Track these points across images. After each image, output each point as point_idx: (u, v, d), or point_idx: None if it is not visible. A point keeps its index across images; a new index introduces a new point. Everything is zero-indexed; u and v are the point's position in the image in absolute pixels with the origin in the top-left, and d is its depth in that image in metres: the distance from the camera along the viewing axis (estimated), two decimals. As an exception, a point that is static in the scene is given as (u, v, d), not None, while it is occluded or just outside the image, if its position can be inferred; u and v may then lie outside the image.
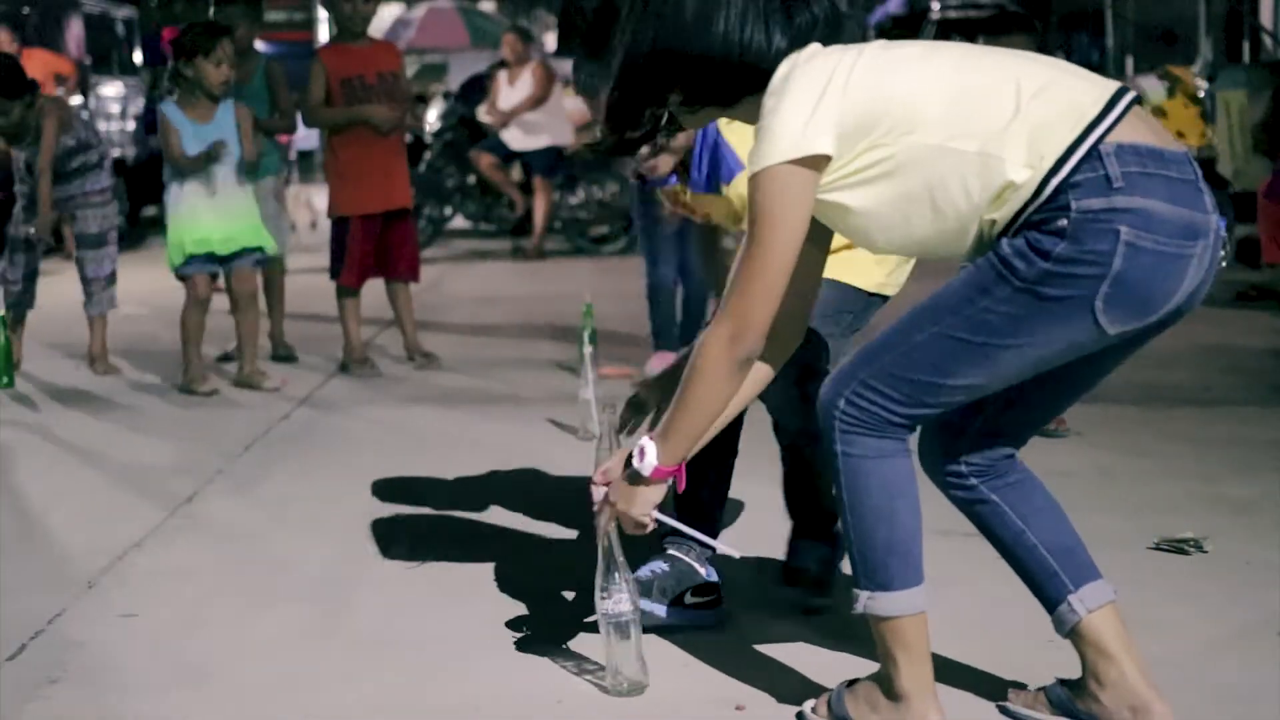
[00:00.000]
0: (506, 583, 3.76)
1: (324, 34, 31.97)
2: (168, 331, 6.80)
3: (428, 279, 8.02)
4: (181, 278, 6.35)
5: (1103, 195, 2.45)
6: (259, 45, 7.44)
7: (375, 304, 7.38)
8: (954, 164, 2.49)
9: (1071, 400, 2.89)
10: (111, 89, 14.08)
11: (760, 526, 4.28)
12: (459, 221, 13.31)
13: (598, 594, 2.96)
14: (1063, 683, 2.82)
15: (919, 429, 2.80)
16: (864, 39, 2.97)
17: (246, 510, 4.53)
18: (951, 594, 3.63)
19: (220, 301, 7.98)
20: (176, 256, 6.28)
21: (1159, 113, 10.20)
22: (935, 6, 16.84)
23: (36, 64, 11.67)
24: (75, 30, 13.60)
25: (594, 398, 5.22)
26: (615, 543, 2.94)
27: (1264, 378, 6.44)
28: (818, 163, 2.51)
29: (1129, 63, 14.12)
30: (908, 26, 18.80)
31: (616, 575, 2.95)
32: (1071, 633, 2.78)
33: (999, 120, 2.48)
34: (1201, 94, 10.57)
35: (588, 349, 5.36)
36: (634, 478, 2.75)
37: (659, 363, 6.09)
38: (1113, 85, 2.56)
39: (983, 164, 2.48)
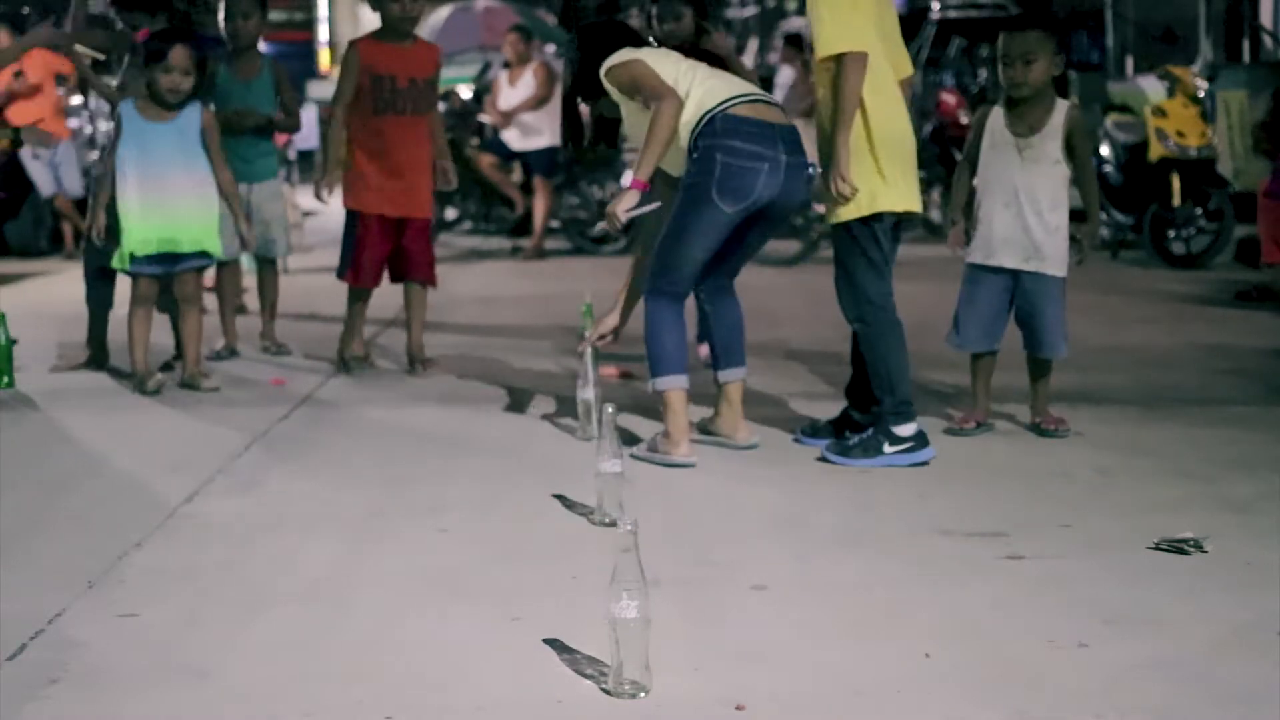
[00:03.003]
0: (507, 582, 3.76)
1: (324, 34, 31.99)
2: (163, 330, 6.79)
3: (428, 279, 8.00)
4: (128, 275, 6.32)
5: (710, 139, 4.76)
6: (260, 45, 7.42)
7: (375, 303, 7.37)
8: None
9: (749, 254, 5.19)
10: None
11: (755, 527, 4.29)
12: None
13: (610, 596, 2.96)
14: (705, 421, 5.22)
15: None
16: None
17: (246, 510, 4.53)
18: (952, 594, 3.64)
19: (212, 300, 7.96)
20: (120, 260, 6.24)
21: (1159, 113, 10.20)
22: (935, 6, 16.84)
23: (38, 63, 11.66)
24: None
25: (594, 398, 5.22)
26: (631, 546, 2.95)
27: (1264, 378, 6.44)
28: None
29: (1129, 63, 14.13)
30: (908, 26, 18.79)
31: (629, 577, 2.95)
32: (718, 389, 5.15)
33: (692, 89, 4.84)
34: (1201, 94, 10.56)
35: (588, 349, 5.35)
36: (620, 192, 4.90)
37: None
38: (747, 88, 4.92)
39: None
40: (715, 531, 4.21)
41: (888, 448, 4.87)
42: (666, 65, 4.88)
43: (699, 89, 4.80)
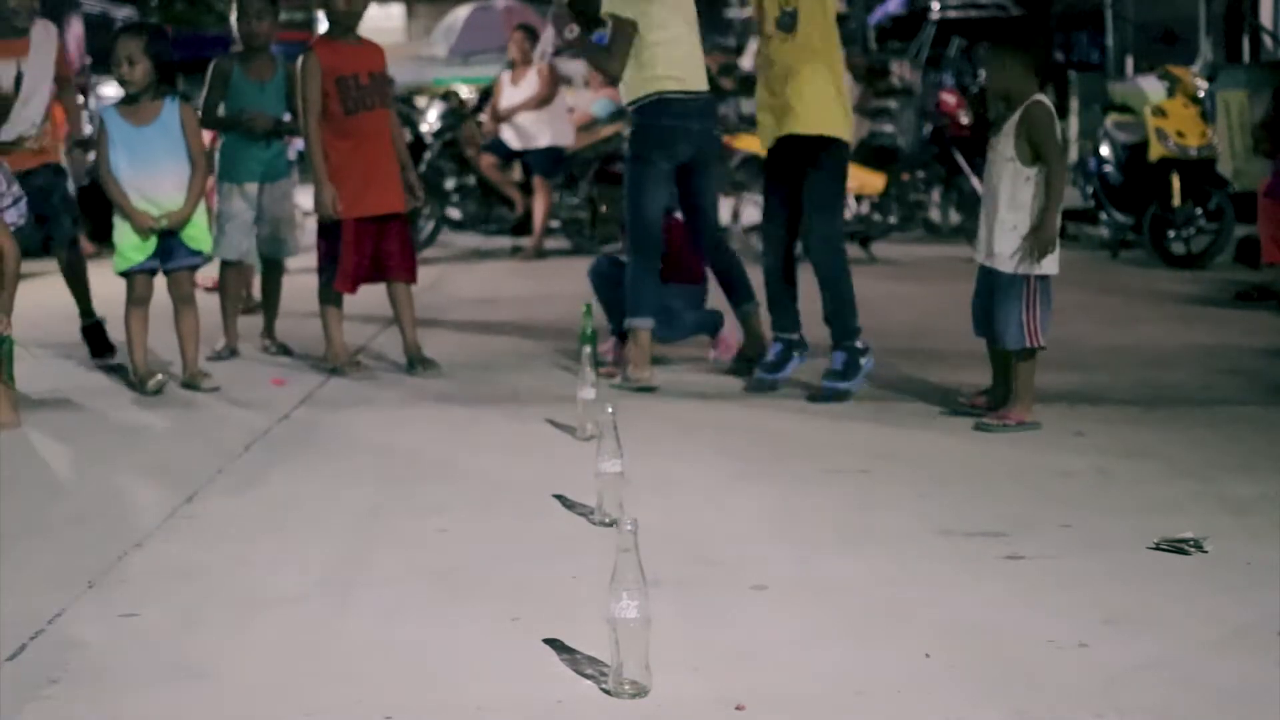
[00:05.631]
0: (506, 583, 3.76)
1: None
2: (163, 332, 6.78)
3: (427, 279, 8.01)
4: (123, 275, 6.32)
5: (641, 117, 6.24)
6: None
7: (376, 304, 7.38)
8: None
9: (704, 205, 6.52)
10: (111, 89, 14.07)
11: (755, 527, 4.29)
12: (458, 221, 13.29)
13: (610, 596, 2.96)
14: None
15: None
16: (864, 38, 3.72)
17: (246, 510, 4.53)
18: (952, 594, 3.64)
19: (208, 302, 7.97)
20: (122, 263, 6.26)
21: (1159, 113, 10.19)
22: (935, 6, 16.84)
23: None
24: (75, 30, 13.59)
25: (593, 398, 5.22)
26: (631, 546, 2.95)
27: (1264, 378, 6.44)
28: None
29: (1129, 63, 14.11)
30: (908, 26, 18.81)
31: (629, 577, 2.95)
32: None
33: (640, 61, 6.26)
34: (1201, 94, 10.56)
35: (587, 349, 5.36)
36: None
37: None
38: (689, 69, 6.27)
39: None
40: (715, 531, 4.21)
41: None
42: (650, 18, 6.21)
43: (655, 63, 6.21)
